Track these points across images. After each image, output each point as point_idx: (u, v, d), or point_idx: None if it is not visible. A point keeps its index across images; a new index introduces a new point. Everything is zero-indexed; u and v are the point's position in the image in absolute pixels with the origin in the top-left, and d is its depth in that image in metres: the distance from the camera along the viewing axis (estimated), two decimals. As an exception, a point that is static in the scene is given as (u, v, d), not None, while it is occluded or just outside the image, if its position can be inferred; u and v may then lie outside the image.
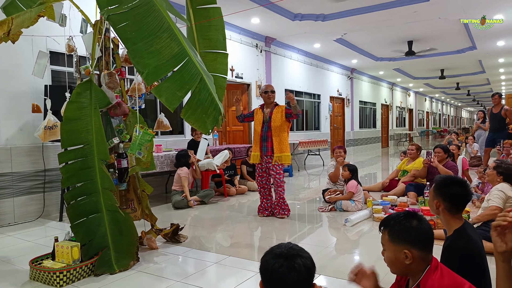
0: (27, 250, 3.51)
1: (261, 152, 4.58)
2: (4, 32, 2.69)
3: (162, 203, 5.68)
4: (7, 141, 4.56)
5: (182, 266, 3.11)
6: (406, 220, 1.51)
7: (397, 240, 1.50)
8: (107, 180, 2.97)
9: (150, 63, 2.35)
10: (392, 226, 1.53)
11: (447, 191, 1.85)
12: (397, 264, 1.52)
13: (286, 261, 1.23)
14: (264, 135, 4.56)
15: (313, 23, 8.09)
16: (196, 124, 2.57)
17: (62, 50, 3.96)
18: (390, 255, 1.53)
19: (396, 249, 1.49)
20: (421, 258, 1.47)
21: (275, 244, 1.36)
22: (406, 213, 1.55)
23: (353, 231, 4.04)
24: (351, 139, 14.58)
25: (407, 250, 1.46)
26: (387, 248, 1.55)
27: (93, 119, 2.96)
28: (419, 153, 6.12)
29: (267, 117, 4.59)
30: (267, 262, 1.27)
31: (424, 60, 12.75)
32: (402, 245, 1.48)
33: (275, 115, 4.55)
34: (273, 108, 4.60)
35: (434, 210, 1.91)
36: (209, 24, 3.66)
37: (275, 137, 4.50)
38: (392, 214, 1.60)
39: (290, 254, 1.26)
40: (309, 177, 8.59)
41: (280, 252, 1.28)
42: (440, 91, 24.54)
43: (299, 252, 1.28)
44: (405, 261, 1.47)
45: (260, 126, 4.61)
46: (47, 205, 4.89)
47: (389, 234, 1.53)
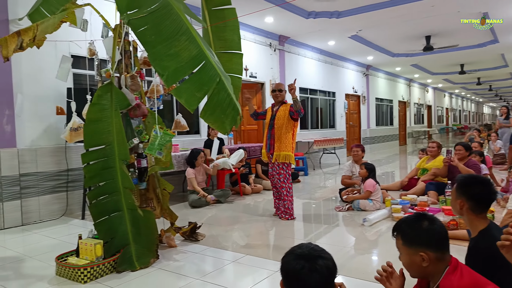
0: (53, 247, 3.65)
1: (267, 150, 4.57)
2: (30, 38, 2.80)
3: (179, 202, 5.78)
4: (32, 142, 4.73)
5: (200, 264, 3.17)
6: (417, 222, 1.51)
7: (411, 243, 1.50)
8: (127, 180, 3.06)
9: (169, 66, 2.41)
10: (404, 230, 1.53)
11: (470, 191, 1.81)
12: (414, 267, 1.52)
13: (307, 262, 1.23)
14: (269, 133, 4.54)
15: (327, 20, 8.05)
16: (215, 125, 2.62)
17: (84, 54, 4.09)
18: (406, 259, 1.53)
19: (411, 253, 1.50)
20: (437, 259, 1.47)
21: (295, 244, 1.37)
22: (417, 215, 1.55)
23: (371, 231, 4.03)
24: (368, 137, 14.43)
25: (423, 252, 1.46)
26: (403, 252, 1.55)
27: (114, 120, 3.05)
28: (440, 151, 6.01)
29: (274, 114, 4.55)
30: (288, 263, 1.28)
31: (443, 55, 12.51)
32: (416, 248, 1.48)
33: (279, 113, 4.49)
34: (279, 106, 4.55)
35: (458, 210, 1.87)
36: (224, 25, 3.71)
37: (277, 135, 4.44)
38: (402, 218, 1.60)
39: (311, 255, 1.26)
40: (325, 176, 8.56)
41: (301, 253, 1.27)
42: (460, 87, 23.99)
43: (321, 253, 1.27)
44: (422, 263, 1.47)
45: (268, 124, 4.60)
46: (70, 204, 5.05)
47: (402, 238, 1.53)
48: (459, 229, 3.56)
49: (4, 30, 4.31)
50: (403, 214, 4.34)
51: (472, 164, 5.22)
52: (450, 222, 3.68)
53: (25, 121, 4.64)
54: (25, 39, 2.82)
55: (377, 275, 1.69)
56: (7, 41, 2.78)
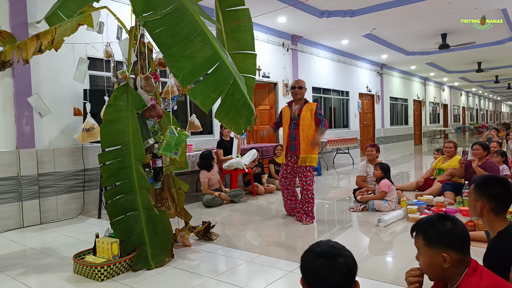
0: (70, 245, 3.72)
1: (289, 151, 4.35)
2: (48, 41, 2.87)
3: (193, 201, 5.82)
4: (50, 142, 4.84)
5: (214, 263, 3.20)
6: (440, 222, 1.48)
7: (433, 244, 1.47)
8: (143, 180, 3.10)
9: (184, 67, 2.44)
10: (427, 230, 1.51)
11: (491, 191, 1.78)
12: (434, 269, 1.49)
13: (327, 260, 1.23)
14: (292, 133, 4.31)
15: (341, 19, 8.00)
16: (229, 125, 2.64)
17: (100, 56, 4.16)
18: (427, 259, 1.51)
19: (433, 253, 1.47)
20: (458, 260, 1.44)
21: (309, 245, 1.37)
22: (439, 215, 1.53)
23: (386, 232, 3.99)
24: (382, 136, 14.27)
25: (445, 253, 1.44)
26: (423, 253, 1.52)
27: (130, 121, 3.10)
28: (456, 150, 5.91)
29: (295, 114, 4.32)
30: (308, 261, 1.28)
31: (459, 53, 12.27)
32: (439, 248, 1.46)
33: (304, 112, 4.28)
34: (303, 106, 4.32)
35: (478, 212, 1.83)
36: (238, 26, 3.73)
37: (302, 136, 4.25)
38: (423, 218, 1.58)
39: (331, 253, 1.25)
40: (338, 176, 8.51)
41: (320, 251, 1.27)
42: (477, 85, 23.49)
43: (340, 251, 1.27)
44: (443, 264, 1.45)
45: (288, 124, 4.36)
46: (87, 203, 5.14)
47: (424, 238, 1.50)
48: (477, 230, 3.50)
49: (23, 33, 4.41)
50: (419, 215, 4.29)
51: (490, 165, 5.11)
52: (467, 223, 3.62)
53: (44, 122, 4.75)
54: (44, 42, 2.89)
55: (412, 280, 1.63)
56: (26, 44, 2.86)
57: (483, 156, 5.19)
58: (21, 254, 3.56)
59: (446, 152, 5.84)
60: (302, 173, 4.32)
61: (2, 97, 4.42)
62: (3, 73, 4.26)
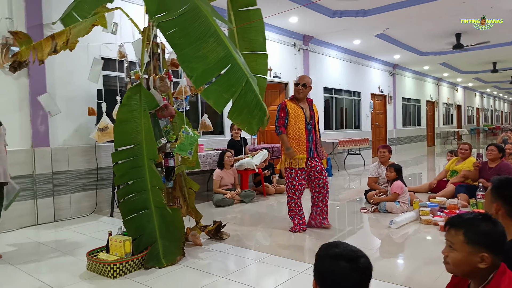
0: (84, 242, 3.78)
1: (308, 154, 4.00)
2: (63, 42, 2.92)
3: (204, 201, 5.85)
4: (64, 141, 4.92)
5: (225, 262, 3.21)
6: (485, 222, 1.43)
7: (475, 242, 1.42)
8: (156, 178, 3.13)
9: (198, 67, 2.46)
10: (470, 227, 1.45)
11: (508, 194, 1.74)
12: (465, 267, 1.45)
13: (349, 263, 1.21)
14: (309, 134, 4.02)
15: (353, 19, 7.94)
16: (242, 125, 2.65)
17: (114, 56, 4.21)
18: (461, 256, 1.45)
19: (472, 252, 1.42)
20: (493, 262, 1.42)
21: (324, 245, 1.35)
22: (483, 215, 1.49)
23: (398, 234, 3.95)
24: (394, 137, 14.12)
25: (486, 254, 1.40)
26: (459, 249, 1.46)
27: (142, 120, 3.13)
28: (471, 152, 5.83)
29: (308, 114, 4.06)
30: (329, 264, 1.24)
31: (473, 53, 12.07)
32: (480, 248, 1.41)
33: (315, 114, 4.16)
34: (311, 105, 4.14)
35: (493, 214, 1.79)
36: (249, 26, 3.73)
37: (318, 137, 4.13)
38: (466, 214, 1.51)
39: (352, 256, 1.23)
40: (349, 177, 8.45)
41: (340, 253, 1.25)
42: (492, 86, 23.06)
43: (359, 253, 1.25)
44: (479, 264, 1.41)
45: (303, 124, 3.98)
46: (99, 202, 5.22)
47: (466, 235, 1.44)
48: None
49: (38, 34, 4.50)
50: (432, 217, 4.24)
51: (504, 167, 5.02)
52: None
53: (58, 121, 4.83)
54: (59, 43, 2.94)
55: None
56: (42, 44, 2.92)
57: (498, 157, 5.12)
58: (35, 251, 3.63)
59: (461, 154, 5.76)
60: (324, 174, 4.11)
61: (18, 97, 4.51)
62: (19, 73, 4.34)
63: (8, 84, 4.43)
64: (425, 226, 4.14)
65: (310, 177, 4.09)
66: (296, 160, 3.95)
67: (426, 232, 3.94)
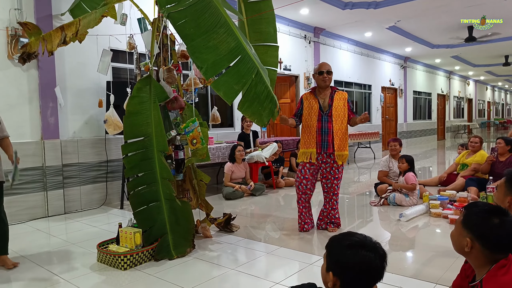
0: (94, 234, 3.80)
1: (320, 148, 3.63)
2: (73, 33, 2.90)
3: (214, 193, 5.85)
4: (74, 134, 4.94)
5: (235, 254, 3.20)
6: (487, 214, 1.44)
7: (466, 226, 1.48)
8: (166, 171, 3.13)
9: (208, 58, 2.42)
10: (470, 210, 1.50)
11: None
12: (456, 245, 1.54)
13: (370, 251, 1.24)
14: (324, 127, 3.62)
15: (364, 11, 7.82)
16: (252, 117, 2.61)
17: (123, 48, 4.20)
18: (456, 234, 1.54)
19: (462, 233, 1.49)
20: (483, 254, 1.42)
21: (339, 235, 1.35)
22: (494, 207, 1.48)
23: (408, 227, 3.91)
24: (404, 131, 13.97)
25: (470, 239, 1.45)
26: (456, 227, 1.54)
27: (152, 112, 3.12)
28: (482, 146, 5.75)
29: (326, 104, 3.67)
30: (354, 255, 1.24)
31: (486, 46, 11.84)
32: (468, 233, 1.46)
33: (336, 102, 3.66)
34: (333, 94, 3.69)
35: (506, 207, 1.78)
36: (260, 17, 3.69)
37: (336, 129, 3.62)
38: (481, 202, 1.56)
39: (371, 245, 1.26)
40: (359, 170, 8.39)
41: (359, 242, 1.26)
42: (503, 79, 22.66)
43: (373, 241, 1.29)
44: (465, 248, 1.47)
45: (316, 116, 3.63)
46: (109, 194, 5.25)
47: (464, 215, 1.51)
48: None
49: (48, 25, 4.50)
50: (441, 210, 4.21)
51: (511, 160, 4.97)
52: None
53: (68, 113, 4.85)
54: (68, 34, 2.92)
55: None
56: (51, 36, 2.90)
57: (506, 151, 5.07)
58: (46, 243, 3.66)
59: (471, 147, 5.69)
60: (334, 174, 3.66)
61: (28, 88, 4.53)
62: (29, 65, 4.36)
63: (18, 76, 4.45)
64: (434, 219, 4.10)
65: (321, 175, 3.76)
66: (306, 154, 3.68)
67: (436, 225, 3.90)
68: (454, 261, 2.78)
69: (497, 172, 4.90)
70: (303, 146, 3.70)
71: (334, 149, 3.61)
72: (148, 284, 2.63)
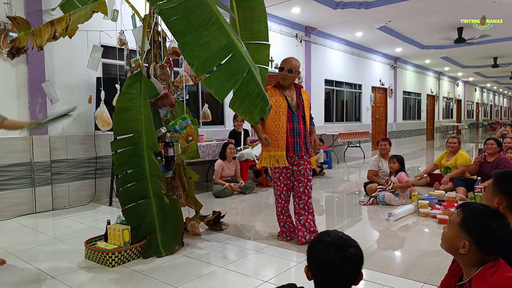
0: (82, 231, 3.77)
1: (292, 151, 3.30)
2: (63, 28, 2.87)
3: (203, 191, 5.85)
4: (63, 130, 4.89)
5: (224, 252, 3.21)
6: (486, 217, 1.44)
7: (465, 228, 1.45)
8: (155, 168, 3.11)
9: (199, 56, 2.42)
10: (469, 213, 1.48)
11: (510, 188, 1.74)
12: (450, 245, 1.51)
13: (338, 251, 1.23)
14: (295, 127, 3.31)
15: (355, 11, 7.87)
16: (244, 115, 2.62)
17: (114, 44, 4.16)
18: (451, 235, 1.50)
19: (459, 235, 1.46)
20: (476, 255, 1.43)
21: (321, 232, 1.37)
22: (492, 210, 1.48)
23: (396, 226, 3.96)
24: (394, 131, 14.12)
25: (467, 242, 1.43)
26: (452, 228, 1.51)
27: (142, 109, 3.10)
28: (460, 146, 5.85)
29: (295, 103, 3.35)
30: (318, 252, 1.27)
31: (475, 48, 12.01)
32: (466, 235, 1.44)
33: (305, 102, 3.41)
34: (299, 93, 3.40)
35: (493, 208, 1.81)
36: (252, 15, 3.68)
37: (306, 131, 3.39)
38: (479, 204, 1.54)
39: (342, 244, 1.26)
40: (349, 169, 8.46)
41: (330, 241, 1.27)
42: (492, 81, 23.03)
43: (349, 242, 1.28)
44: (460, 249, 1.45)
45: (285, 115, 3.28)
46: (98, 191, 5.20)
47: (462, 218, 1.48)
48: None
49: (38, 20, 4.43)
50: (430, 210, 4.26)
51: (503, 161, 5.05)
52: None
53: (56, 109, 4.78)
54: (58, 29, 2.89)
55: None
56: (41, 30, 2.87)
57: (496, 152, 5.17)
58: (33, 239, 3.62)
59: (450, 148, 5.75)
60: (307, 176, 3.36)
61: (16, 83, 4.46)
62: (18, 59, 4.30)
63: (6, 70, 4.38)
64: (423, 219, 4.16)
65: (293, 178, 3.40)
66: (273, 158, 3.28)
67: (424, 225, 3.96)
68: (442, 261, 2.82)
69: (485, 172, 4.99)
70: (269, 148, 3.30)
71: (307, 151, 3.38)
72: (136, 282, 2.62)
